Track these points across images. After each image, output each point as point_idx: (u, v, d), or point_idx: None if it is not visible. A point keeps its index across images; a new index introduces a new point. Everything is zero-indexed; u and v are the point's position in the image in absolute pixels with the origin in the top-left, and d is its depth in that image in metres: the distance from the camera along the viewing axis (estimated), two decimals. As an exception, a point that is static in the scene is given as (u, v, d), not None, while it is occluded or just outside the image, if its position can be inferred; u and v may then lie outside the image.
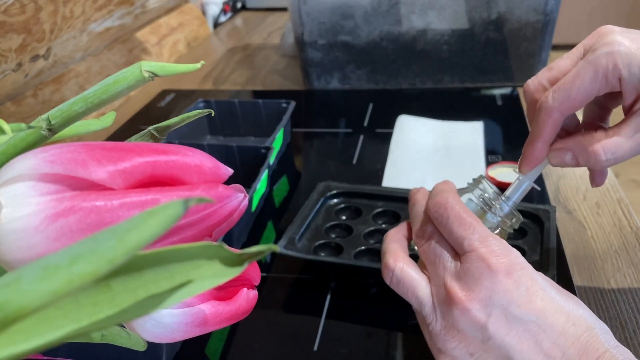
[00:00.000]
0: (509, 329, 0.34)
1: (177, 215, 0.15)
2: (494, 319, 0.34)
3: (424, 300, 0.37)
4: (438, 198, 0.38)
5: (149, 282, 0.17)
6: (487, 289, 0.34)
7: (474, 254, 0.35)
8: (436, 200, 0.38)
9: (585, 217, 0.62)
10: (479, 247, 0.35)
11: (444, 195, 0.39)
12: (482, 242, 0.36)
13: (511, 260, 0.35)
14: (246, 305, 0.27)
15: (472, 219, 0.37)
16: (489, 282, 0.34)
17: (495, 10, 0.89)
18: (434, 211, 0.38)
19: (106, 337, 0.28)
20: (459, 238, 0.36)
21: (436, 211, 0.38)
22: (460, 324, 0.35)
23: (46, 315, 0.15)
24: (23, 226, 0.20)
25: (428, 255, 0.38)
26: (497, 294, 0.34)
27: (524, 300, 0.34)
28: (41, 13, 0.80)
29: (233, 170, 0.25)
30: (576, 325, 0.34)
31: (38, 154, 0.21)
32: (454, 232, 0.37)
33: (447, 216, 0.37)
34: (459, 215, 0.37)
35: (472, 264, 0.35)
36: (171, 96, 1.02)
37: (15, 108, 0.80)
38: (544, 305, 0.34)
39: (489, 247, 0.35)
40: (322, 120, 0.91)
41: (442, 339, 0.36)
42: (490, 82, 0.96)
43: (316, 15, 0.93)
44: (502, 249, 0.35)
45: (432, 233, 0.38)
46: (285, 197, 0.71)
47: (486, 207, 0.41)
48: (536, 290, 0.35)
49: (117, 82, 0.25)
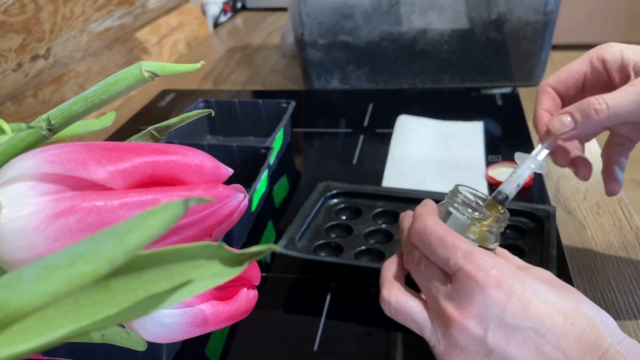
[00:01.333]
0: (508, 339, 0.34)
1: (177, 215, 0.15)
2: (492, 332, 0.34)
3: (422, 324, 0.38)
4: (417, 225, 0.39)
5: (149, 282, 0.17)
6: (480, 304, 0.35)
7: (461, 272, 0.36)
8: (415, 227, 0.39)
9: (585, 217, 0.62)
10: (464, 264, 0.36)
11: (422, 220, 0.39)
12: (466, 259, 0.36)
13: (499, 271, 0.35)
14: (246, 305, 0.27)
15: (453, 238, 0.37)
16: (480, 297, 0.35)
17: (495, 10, 0.89)
18: (416, 239, 0.39)
19: (106, 337, 0.28)
20: (444, 259, 0.37)
21: (418, 239, 0.39)
22: (461, 342, 0.36)
23: (46, 315, 0.15)
24: (23, 226, 0.20)
25: (420, 280, 0.39)
26: (490, 307, 0.34)
27: (518, 308, 0.34)
28: (41, 13, 0.80)
29: (233, 170, 0.25)
30: (575, 324, 0.34)
31: (38, 154, 0.21)
32: (439, 254, 0.37)
33: (429, 241, 0.38)
34: (440, 237, 0.37)
35: (461, 282, 0.36)
36: (171, 96, 1.02)
37: (15, 108, 0.80)
38: (538, 310, 0.34)
39: (474, 263, 0.36)
40: (322, 120, 0.91)
41: (447, 358, 0.37)
42: (490, 82, 0.96)
43: (316, 15, 0.93)
44: (487, 262, 0.36)
45: (419, 258, 0.39)
46: (285, 197, 0.71)
47: (469, 215, 0.41)
48: (528, 296, 0.35)
49: (117, 82, 0.25)
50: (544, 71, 0.95)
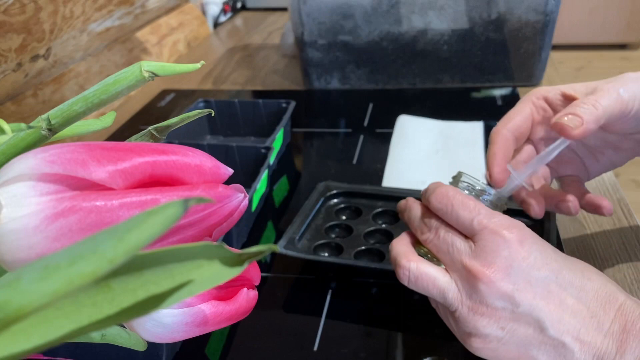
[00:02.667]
0: (534, 292, 0.35)
1: (177, 215, 0.15)
2: (519, 285, 0.36)
3: (446, 287, 0.38)
4: (439, 190, 0.40)
5: (149, 282, 0.17)
6: (506, 258, 0.36)
7: (486, 231, 0.37)
8: (437, 192, 0.40)
9: (585, 217, 0.62)
10: (489, 223, 0.37)
11: (443, 187, 0.41)
12: (490, 219, 0.37)
13: (520, 231, 0.37)
14: (246, 305, 0.27)
15: (474, 202, 0.39)
16: (506, 252, 0.36)
17: (495, 10, 0.89)
18: (436, 202, 0.40)
19: (106, 337, 0.28)
20: (467, 220, 0.38)
21: (440, 201, 0.40)
22: (488, 298, 0.36)
23: (46, 315, 0.15)
24: (23, 226, 0.20)
25: (440, 246, 0.39)
26: (516, 262, 0.36)
27: (541, 263, 0.36)
28: (41, 13, 0.80)
29: (233, 170, 0.25)
30: (592, 280, 0.36)
31: (38, 154, 0.21)
32: (461, 216, 0.38)
33: (452, 204, 0.39)
34: (463, 201, 0.39)
35: (486, 239, 0.37)
36: (171, 96, 1.02)
37: (15, 108, 0.80)
38: (559, 265, 0.36)
39: (498, 222, 0.37)
40: (322, 120, 0.91)
41: (471, 320, 0.37)
42: (490, 82, 0.96)
43: (316, 15, 0.93)
44: (509, 222, 0.37)
45: (437, 225, 0.40)
46: (285, 197, 0.71)
47: (477, 193, 0.44)
48: (549, 253, 0.37)
49: (117, 82, 0.25)
50: (544, 71, 0.95)
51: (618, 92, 0.43)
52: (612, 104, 0.43)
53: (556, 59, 1.03)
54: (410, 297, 0.53)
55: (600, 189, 0.66)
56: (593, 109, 0.42)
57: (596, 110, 0.42)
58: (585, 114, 0.42)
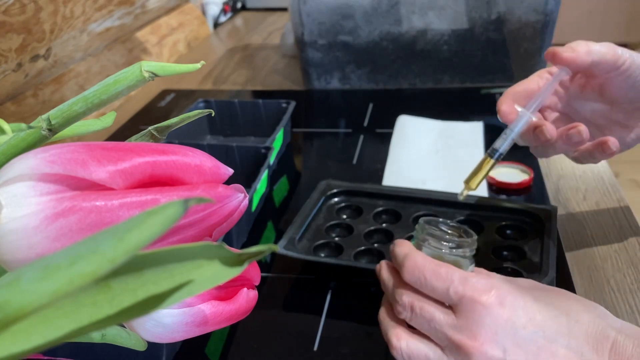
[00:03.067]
0: (525, 352, 0.35)
1: (177, 215, 0.15)
2: (509, 349, 0.35)
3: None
4: (407, 264, 0.39)
5: (149, 282, 0.17)
6: (490, 325, 0.35)
7: (465, 299, 0.36)
8: (408, 266, 0.39)
9: (585, 217, 0.62)
10: (465, 290, 0.36)
11: (410, 258, 0.39)
12: (465, 285, 0.36)
13: (498, 290, 0.36)
14: (246, 305, 0.27)
15: (445, 268, 0.38)
16: (489, 320, 0.35)
17: (495, 10, 0.89)
18: (409, 276, 0.39)
19: (106, 337, 0.28)
20: (443, 290, 0.37)
21: (412, 275, 0.38)
22: None
23: (46, 315, 0.15)
24: (23, 226, 0.20)
25: (421, 324, 0.38)
26: (501, 326, 0.35)
27: (525, 320, 0.35)
28: (41, 13, 0.80)
29: (233, 170, 0.25)
30: (579, 321, 0.35)
31: (38, 154, 0.21)
32: (436, 287, 0.37)
33: (424, 275, 0.38)
34: (433, 270, 0.38)
35: (467, 309, 0.36)
36: (171, 96, 1.02)
37: (15, 108, 0.80)
38: (542, 317, 0.35)
39: (473, 287, 0.36)
40: (322, 120, 0.91)
41: None
42: (490, 82, 0.96)
43: (316, 15, 0.93)
44: (485, 284, 0.37)
45: (412, 301, 0.39)
46: (285, 197, 0.71)
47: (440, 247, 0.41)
48: (530, 305, 0.36)
49: (117, 82, 0.25)
50: (544, 71, 0.95)
51: (610, 44, 0.48)
52: (604, 48, 0.47)
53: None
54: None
55: (601, 189, 0.66)
56: (585, 45, 0.47)
57: (587, 45, 0.47)
58: (577, 46, 0.47)
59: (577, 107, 0.53)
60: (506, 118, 0.50)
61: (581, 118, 0.52)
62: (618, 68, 0.47)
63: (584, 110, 0.52)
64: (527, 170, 0.69)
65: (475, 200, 0.61)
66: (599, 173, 0.70)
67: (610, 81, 0.49)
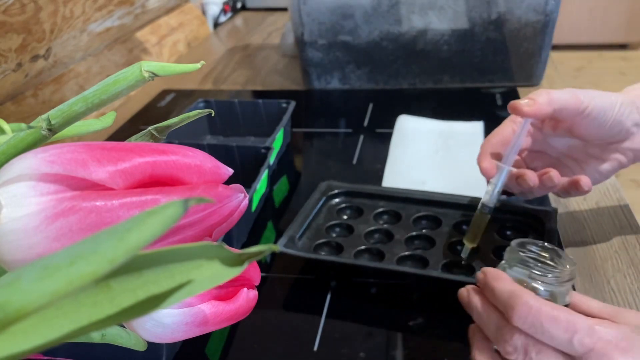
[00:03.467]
0: None
1: (177, 215, 0.15)
2: None
3: None
4: (518, 308, 0.35)
5: (149, 282, 0.17)
6: None
7: (593, 353, 0.33)
8: (517, 311, 0.35)
9: (585, 217, 0.62)
10: (594, 343, 0.33)
11: (521, 301, 0.35)
12: (592, 337, 0.33)
13: (625, 338, 0.33)
14: (246, 305, 0.26)
15: (564, 314, 0.34)
16: None
17: (495, 10, 0.89)
18: (521, 322, 0.35)
19: (106, 337, 0.28)
20: (565, 340, 0.34)
21: (524, 321, 0.35)
22: None
23: (46, 315, 0.15)
24: (23, 226, 0.20)
25: None
26: None
27: None
28: (41, 13, 0.80)
29: (233, 170, 0.25)
30: None
31: (38, 154, 0.21)
32: (556, 335, 0.34)
33: (540, 323, 0.34)
34: (551, 316, 0.34)
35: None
36: (171, 96, 1.02)
37: (15, 108, 0.80)
38: None
39: (602, 338, 0.33)
40: (322, 120, 0.91)
41: None
42: (490, 82, 0.96)
43: (316, 15, 0.93)
44: (612, 334, 0.34)
45: (526, 344, 0.35)
46: (285, 197, 0.71)
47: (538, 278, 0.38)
48: None
49: (117, 82, 0.25)
50: (544, 71, 0.95)
51: (572, 90, 0.49)
52: (565, 96, 0.49)
53: (556, 59, 1.03)
54: (410, 297, 0.53)
55: (601, 189, 0.66)
56: (546, 94, 0.49)
57: (548, 95, 0.49)
58: (538, 97, 0.49)
59: (554, 144, 0.55)
60: (487, 174, 0.53)
61: (558, 153, 0.55)
62: (581, 113, 0.49)
63: (561, 146, 0.55)
64: (527, 170, 0.69)
65: (476, 201, 0.60)
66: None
67: (577, 124, 0.51)
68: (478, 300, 0.39)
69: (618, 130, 0.51)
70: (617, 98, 0.50)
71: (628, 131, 0.51)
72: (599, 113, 0.49)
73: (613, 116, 0.49)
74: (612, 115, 0.49)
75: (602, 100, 0.49)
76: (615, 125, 0.50)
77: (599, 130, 0.50)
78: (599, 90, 0.50)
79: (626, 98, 0.50)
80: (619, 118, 0.50)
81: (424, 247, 0.57)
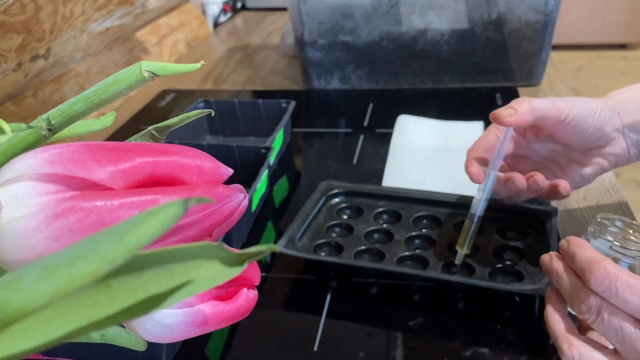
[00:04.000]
0: None
1: (177, 215, 0.15)
2: None
3: None
4: (596, 271, 0.37)
5: (149, 282, 0.17)
6: None
7: None
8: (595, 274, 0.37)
9: (586, 217, 0.62)
10: None
11: (599, 265, 0.37)
12: None
13: None
14: (246, 305, 0.26)
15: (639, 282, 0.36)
16: None
17: (495, 10, 0.89)
18: (597, 285, 0.36)
19: (106, 337, 0.28)
20: (637, 305, 0.35)
21: (601, 284, 0.36)
22: None
23: (46, 315, 0.15)
24: (23, 226, 0.20)
25: (607, 330, 0.37)
26: None
27: None
28: (41, 13, 0.80)
29: (233, 170, 0.25)
30: None
31: (38, 154, 0.21)
32: (629, 300, 0.35)
33: (615, 287, 0.36)
34: (628, 283, 0.35)
35: None
36: (171, 96, 1.02)
37: (15, 108, 0.80)
38: None
39: None
40: (322, 120, 0.91)
41: None
42: (490, 82, 0.96)
43: (316, 15, 0.93)
44: None
45: (600, 305, 0.37)
46: (285, 197, 0.71)
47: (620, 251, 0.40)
48: None
49: (117, 82, 0.25)
50: (544, 71, 0.95)
51: (553, 99, 0.51)
52: (546, 104, 0.50)
53: (556, 59, 1.03)
54: (410, 297, 0.53)
55: (601, 189, 0.66)
56: (528, 103, 0.50)
57: (530, 103, 0.50)
58: (519, 106, 0.50)
59: (537, 149, 0.57)
60: (475, 179, 0.54)
61: (541, 157, 0.57)
62: (562, 121, 0.51)
63: (544, 151, 0.57)
64: (527, 170, 0.69)
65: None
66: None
67: (558, 131, 0.52)
68: (560, 265, 0.41)
69: (599, 137, 0.52)
70: (598, 105, 0.51)
71: (609, 137, 0.52)
72: (579, 121, 0.51)
73: (593, 123, 0.51)
74: (593, 122, 0.51)
75: (582, 108, 0.51)
76: (596, 131, 0.51)
77: (580, 137, 0.52)
78: (580, 97, 0.52)
79: (607, 104, 0.52)
80: (599, 125, 0.51)
81: (424, 247, 0.57)
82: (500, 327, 0.48)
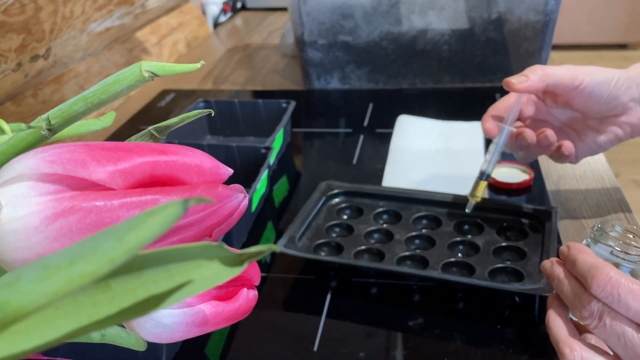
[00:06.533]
0: None
1: (177, 215, 0.15)
2: None
3: None
4: (598, 277, 0.36)
5: (149, 282, 0.17)
6: None
7: None
8: (597, 280, 0.36)
9: (586, 217, 0.62)
10: None
11: (602, 271, 0.36)
12: None
13: None
14: (246, 305, 0.26)
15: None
16: None
17: (495, 10, 0.89)
18: (599, 291, 0.36)
19: (106, 337, 0.28)
20: (639, 312, 0.35)
21: (603, 290, 0.36)
22: None
23: (46, 315, 0.15)
24: (23, 226, 0.20)
25: (609, 336, 0.37)
26: None
27: None
28: (41, 13, 0.80)
29: (233, 170, 0.25)
30: None
31: (38, 154, 0.21)
32: (632, 306, 0.35)
33: (618, 293, 0.35)
34: (629, 288, 0.35)
35: None
36: (171, 96, 1.02)
37: (15, 108, 0.80)
38: None
39: None
40: (322, 120, 0.91)
41: None
42: (490, 82, 0.96)
43: (316, 15, 0.93)
44: None
45: (602, 310, 0.36)
46: (285, 197, 0.71)
47: (621, 256, 0.40)
48: None
49: (117, 82, 0.25)
50: (544, 71, 0.95)
51: (570, 66, 0.52)
52: (560, 71, 0.52)
53: (556, 59, 1.03)
54: (410, 297, 0.53)
55: (600, 189, 0.66)
56: (540, 71, 0.52)
57: (542, 71, 0.52)
58: (531, 74, 0.52)
59: (555, 114, 0.58)
60: (490, 133, 0.57)
61: (560, 123, 0.59)
62: (576, 88, 0.52)
63: (562, 117, 0.58)
64: (528, 171, 0.69)
65: (475, 200, 0.60)
66: (599, 173, 0.70)
67: (573, 98, 0.54)
68: (560, 271, 0.40)
69: (614, 105, 0.53)
70: (615, 74, 0.52)
71: (625, 106, 0.53)
72: (594, 87, 0.52)
73: (609, 91, 0.52)
74: (608, 90, 0.52)
75: (598, 76, 0.52)
76: (612, 99, 0.53)
77: (596, 104, 0.53)
78: (601, 67, 0.53)
79: (626, 74, 0.53)
80: (615, 93, 0.52)
81: (424, 247, 0.57)
82: (500, 327, 0.48)
